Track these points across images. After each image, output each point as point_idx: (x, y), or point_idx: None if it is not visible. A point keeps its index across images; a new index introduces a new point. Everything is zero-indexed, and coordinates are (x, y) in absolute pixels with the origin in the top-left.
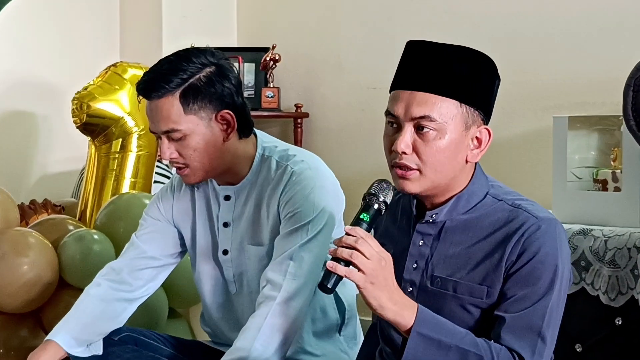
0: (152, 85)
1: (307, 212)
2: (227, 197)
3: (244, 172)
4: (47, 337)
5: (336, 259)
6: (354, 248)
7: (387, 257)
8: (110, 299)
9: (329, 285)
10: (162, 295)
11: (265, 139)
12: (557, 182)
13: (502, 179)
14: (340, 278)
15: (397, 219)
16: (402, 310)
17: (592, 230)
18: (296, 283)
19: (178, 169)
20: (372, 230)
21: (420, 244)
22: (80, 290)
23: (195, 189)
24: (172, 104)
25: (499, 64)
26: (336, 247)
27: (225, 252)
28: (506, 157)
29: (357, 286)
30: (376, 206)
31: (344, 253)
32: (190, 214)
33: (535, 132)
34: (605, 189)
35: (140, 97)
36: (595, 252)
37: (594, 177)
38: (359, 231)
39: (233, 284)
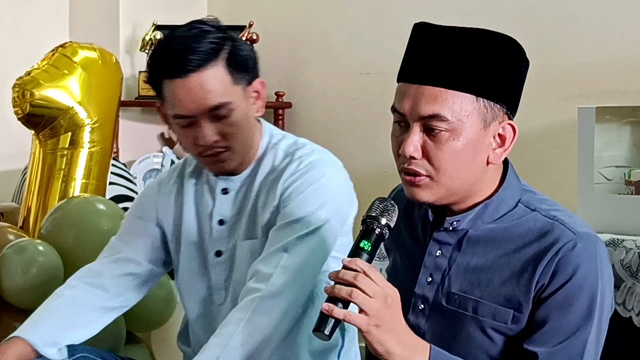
0: (188, 54)
1: (310, 202)
2: (224, 191)
3: (250, 160)
4: (13, 334)
5: (333, 298)
6: (354, 285)
7: (394, 293)
8: (84, 304)
9: (326, 332)
10: (119, 316)
11: (269, 126)
12: (582, 184)
13: None
14: (338, 322)
15: (414, 223)
16: (413, 354)
17: (623, 240)
18: (285, 277)
19: (212, 155)
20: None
21: (437, 254)
22: (23, 311)
23: (187, 181)
24: (218, 73)
25: None
26: (333, 283)
27: (218, 254)
28: (522, 155)
29: (360, 330)
30: (378, 231)
31: (342, 292)
32: (176, 211)
33: (556, 126)
34: (639, 192)
35: (166, 79)
36: (628, 267)
37: (626, 178)
38: (360, 263)
39: (223, 291)
